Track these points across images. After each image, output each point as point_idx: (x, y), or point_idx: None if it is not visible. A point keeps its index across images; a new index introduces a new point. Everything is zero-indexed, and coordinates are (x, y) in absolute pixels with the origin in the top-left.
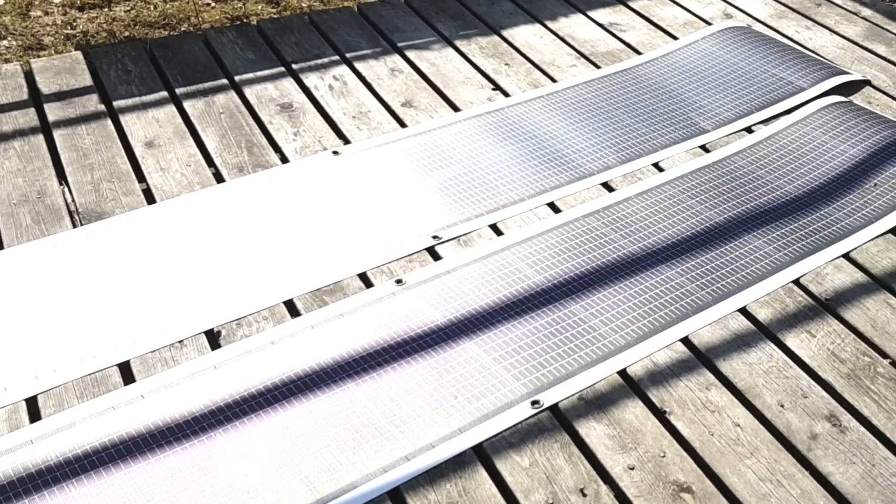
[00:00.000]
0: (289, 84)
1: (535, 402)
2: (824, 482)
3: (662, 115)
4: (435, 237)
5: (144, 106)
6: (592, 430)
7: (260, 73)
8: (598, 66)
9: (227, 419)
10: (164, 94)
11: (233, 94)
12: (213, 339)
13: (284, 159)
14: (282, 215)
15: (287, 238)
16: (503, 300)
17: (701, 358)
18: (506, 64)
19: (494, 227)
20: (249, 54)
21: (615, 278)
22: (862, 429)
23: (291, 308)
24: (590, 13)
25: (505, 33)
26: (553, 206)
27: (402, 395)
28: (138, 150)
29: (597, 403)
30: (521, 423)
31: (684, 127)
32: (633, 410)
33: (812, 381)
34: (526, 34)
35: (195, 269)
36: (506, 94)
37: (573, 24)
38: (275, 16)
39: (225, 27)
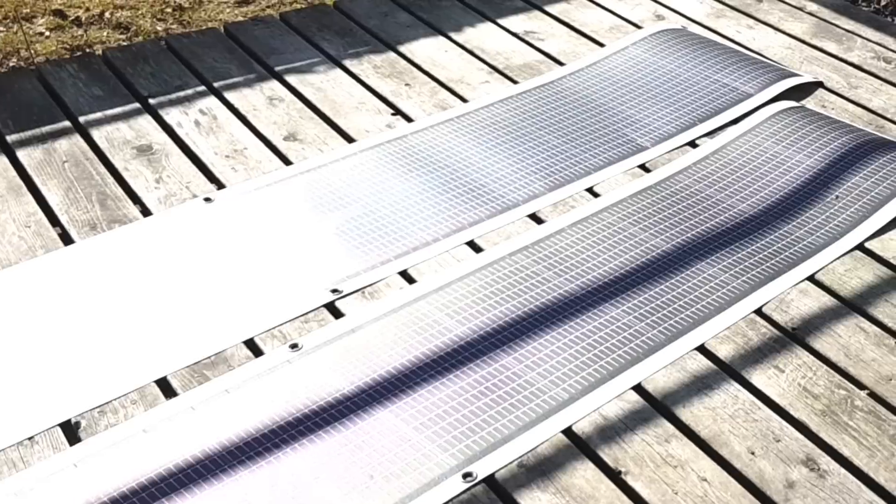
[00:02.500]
0: (146, 122)
1: (467, 475)
2: None
3: (594, 133)
4: (334, 291)
5: None
6: (537, 501)
7: (110, 112)
8: (514, 82)
9: None
10: None
11: (78, 139)
12: (71, 431)
13: (146, 212)
14: (147, 278)
15: (155, 305)
16: (421, 359)
17: (657, 407)
18: (406, 84)
19: (405, 274)
20: (95, 90)
21: (552, 323)
22: (843, 471)
23: (165, 387)
24: (500, 21)
25: (403, 49)
26: (473, 245)
27: (308, 480)
28: None
29: (540, 469)
30: (451, 500)
31: (620, 145)
32: (584, 474)
33: (784, 423)
34: (428, 49)
35: (43, 349)
36: (408, 120)
37: (482, 35)
38: (124, 43)
39: (64, 59)
